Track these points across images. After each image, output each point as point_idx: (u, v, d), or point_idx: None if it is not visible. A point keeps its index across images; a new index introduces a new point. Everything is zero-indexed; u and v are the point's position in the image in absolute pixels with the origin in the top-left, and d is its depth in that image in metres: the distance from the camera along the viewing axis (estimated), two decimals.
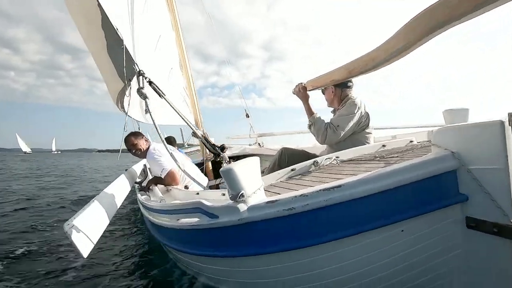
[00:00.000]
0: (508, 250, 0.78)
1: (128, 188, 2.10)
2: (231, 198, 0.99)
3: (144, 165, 3.15)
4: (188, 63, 3.99)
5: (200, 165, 3.52)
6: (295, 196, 0.92)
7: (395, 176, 0.87)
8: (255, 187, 1.02)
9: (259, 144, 5.08)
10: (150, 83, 1.46)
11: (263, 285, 1.11)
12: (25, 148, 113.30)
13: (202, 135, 1.33)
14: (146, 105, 1.44)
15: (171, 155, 1.60)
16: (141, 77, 1.45)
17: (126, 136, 2.54)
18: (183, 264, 1.63)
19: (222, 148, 1.30)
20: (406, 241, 0.92)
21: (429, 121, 2.57)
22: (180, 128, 7.08)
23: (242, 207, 0.97)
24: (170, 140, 4.63)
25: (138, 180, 2.80)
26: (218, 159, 1.29)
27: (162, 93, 1.46)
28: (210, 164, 3.94)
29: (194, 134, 1.39)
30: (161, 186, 2.38)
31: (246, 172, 0.99)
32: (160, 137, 1.55)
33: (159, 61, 3.54)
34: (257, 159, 1.08)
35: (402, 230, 0.91)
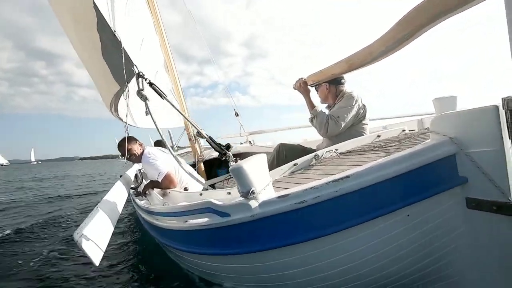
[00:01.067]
0: (508, 226, 0.84)
1: (125, 194, 2.07)
2: (242, 196, 1.01)
3: (138, 170, 3.10)
4: (173, 64, 3.94)
5: (192, 166, 3.51)
6: (306, 189, 0.95)
7: (399, 164, 0.92)
8: (265, 183, 1.04)
9: (250, 142, 5.10)
10: (151, 84, 1.46)
11: (277, 278, 1.14)
12: (1, 160, 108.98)
13: (207, 135, 1.34)
14: (147, 107, 1.43)
15: (173, 156, 1.60)
16: (140, 78, 1.44)
17: (120, 142, 2.49)
18: (189, 265, 1.63)
19: (228, 147, 1.32)
20: (412, 225, 0.97)
21: (418, 111, 2.68)
22: (168, 131, 6.98)
23: (254, 203, 0.99)
24: (161, 143, 4.58)
25: (133, 185, 2.76)
26: (224, 158, 1.30)
27: (164, 94, 1.45)
28: (202, 165, 3.92)
29: (199, 134, 1.39)
30: (158, 190, 2.35)
31: (255, 169, 1.01)
32: (161, 135, 1.56)
33: (144, 64, 3.47)
34: (264, 156, 1.10)
35: (408, 215, 0.95)
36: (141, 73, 1.46)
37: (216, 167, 4.15)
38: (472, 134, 0.88)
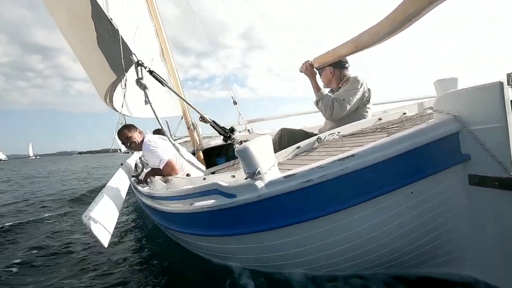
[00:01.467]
0: (509, 201, 0.86)
1: (127, 182, 2.08)
2: (248, 177, 1.02)
3: (139, 158, 3.11)
4: (170, 51, 3.87)
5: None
6: (312, 168, 0.96)
7: (403, 143, 0.93)
8: (270, 164, 1.05)
9: (248, 130, 5.11)
10: (151, 72, 1.44)
11: (285, 257, 1.16)
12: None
13: (210, 119, 1.34)
14: (146, 96, 1.43)
15: (172, 144, 1.60)
16: (139, 67, 1.43)
17: (119, 130, 2.48)
18: (195, 247, 1.66)
19: (232, 130, 1.33)
20: (416, 202, 0.99)
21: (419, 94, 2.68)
22: (166, 120, 6.93)
23: (260, 183, 1.00)
24: (160, 132, 4.56)
25: (134, 174, 2.76)
26: (229, 141, 1.31)
27: (164, 81, 1.45)
28: (201, 154, 3.92)
29: (203, 119, 1.39)
30: (160, 177, 2.36)
31: (261, 150, 1.02)
32: (160, 124, 1.56)
33: (139, 51, 3.41)
34: (269, 137, 1.10)
35: (412, 192, 0.97)
36: (140, 62, 1.45)
37: (215, 155, 4.16)
38: (476, 111, 0.89)
